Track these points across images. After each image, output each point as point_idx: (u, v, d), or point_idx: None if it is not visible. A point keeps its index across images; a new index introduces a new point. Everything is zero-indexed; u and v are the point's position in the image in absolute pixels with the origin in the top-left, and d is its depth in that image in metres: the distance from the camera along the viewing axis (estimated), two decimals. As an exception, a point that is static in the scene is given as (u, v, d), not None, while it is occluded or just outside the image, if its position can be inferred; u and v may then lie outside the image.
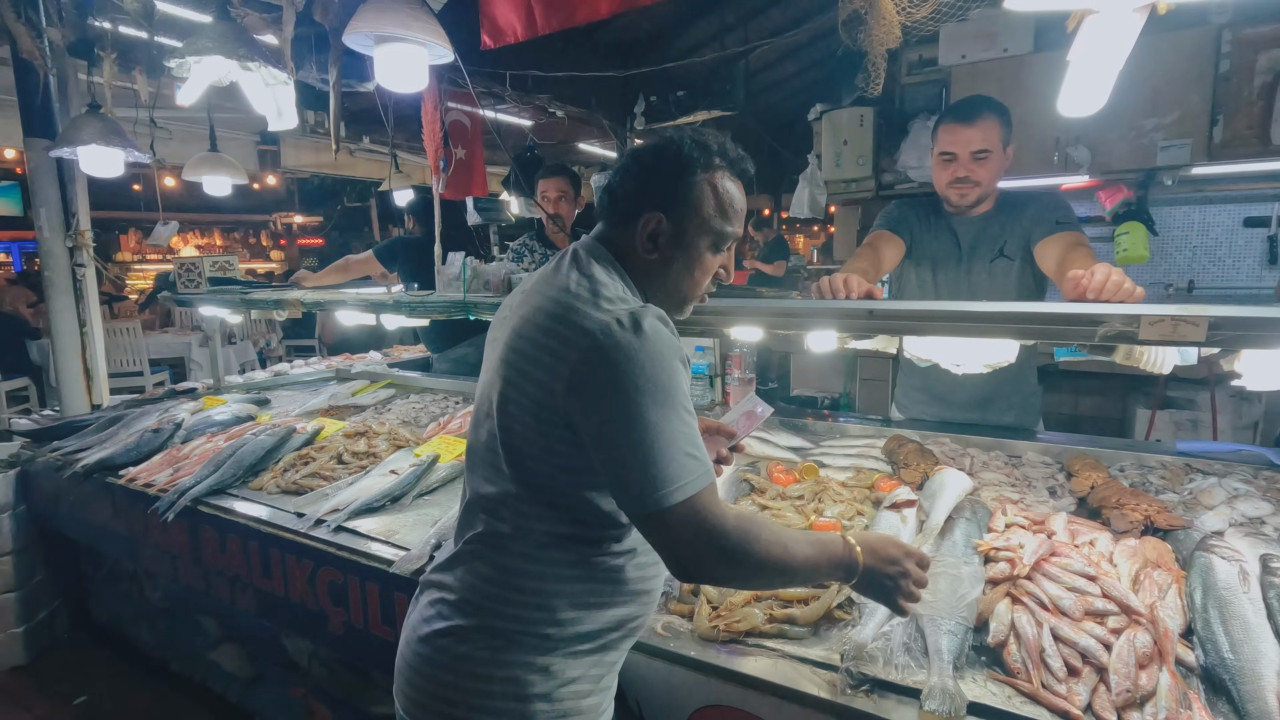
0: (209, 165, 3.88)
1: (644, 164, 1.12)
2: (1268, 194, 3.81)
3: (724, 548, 0.95)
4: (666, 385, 0.95)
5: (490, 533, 1.10)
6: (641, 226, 1.09)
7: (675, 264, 1.12)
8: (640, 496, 0.94)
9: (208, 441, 2.55)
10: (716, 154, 1.11)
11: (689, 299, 1.18)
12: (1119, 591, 1.17)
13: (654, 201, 1.10)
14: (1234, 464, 1.82)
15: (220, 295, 2.83)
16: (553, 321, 1.02)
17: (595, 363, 0.96)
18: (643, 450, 0.93)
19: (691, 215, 1.10)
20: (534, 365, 1.02)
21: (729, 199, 1.12)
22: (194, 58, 2.09)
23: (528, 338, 1.05)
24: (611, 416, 0.95)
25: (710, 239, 1.12)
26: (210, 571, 2.16)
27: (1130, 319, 1.26)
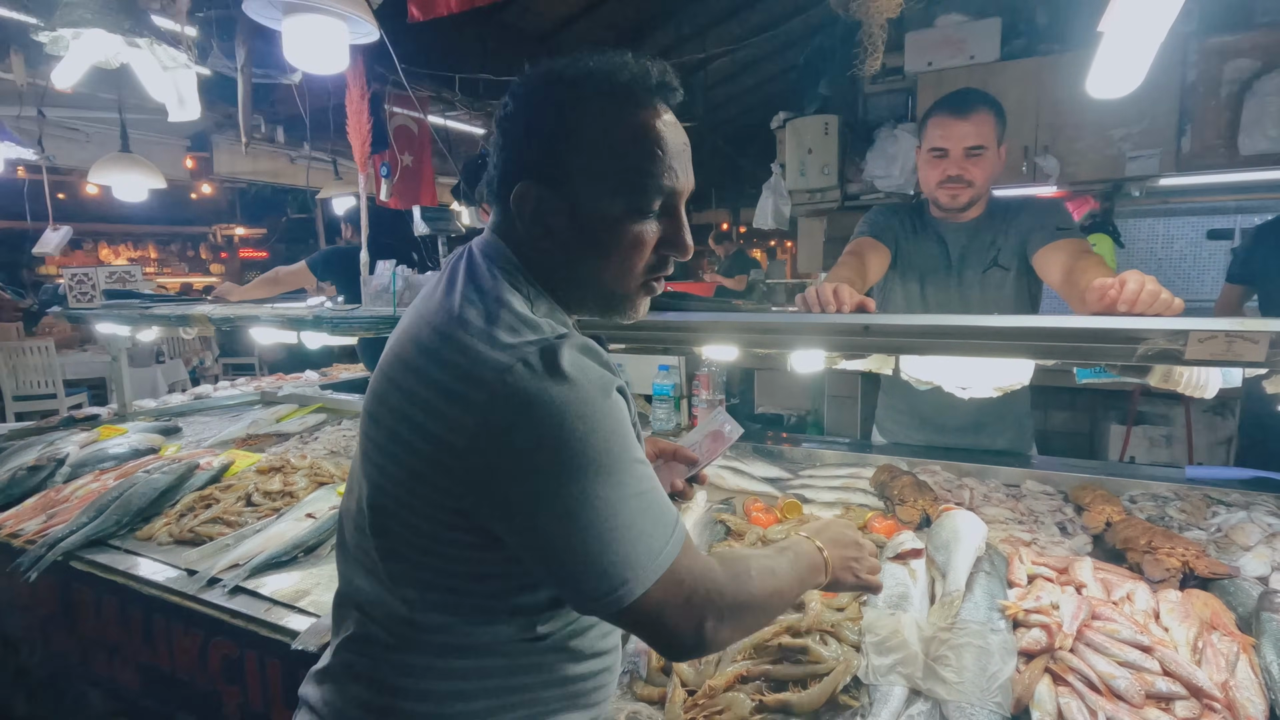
0: (119, 167, 3.51)
1: (505, 118, 0.81)
2: (1230, 206, 3.80)
3: (721, 608, 0.76)
4: (606, 445, 0.69)
5: (363, 637, 0.83)
6: (516, 203, 0.79)
7: (581, 248, 0.80)
8: (599, 595, 0.71)
9: (95, 480, 2.19)
10: (604, 76, 0.77)
11: (623, 291, 0.84)
12: (1184, 669, 0.96)
13: (522, 165, 0.79)
14: (1251, 492, 1.66)
15: (116, 310, 2.47)
16: (433, 364, 0.74)
17: (501, 429, 0.68)
18: (592, 539, 0.69)
19: (582, 171, 0.77)
20: (408, 425, 0.74)
21: (638, 134, 0.77)
22: (69, 31, 1.78)
23: (399, 384, 0.77)
24: (538, 504, 0.69)
25: (624, 200, 0.78)
26: (87, 640, 1.81)
27: (1176, 335, 1.07)
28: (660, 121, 0.79)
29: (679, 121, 0.83)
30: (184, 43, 1.84)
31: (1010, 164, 3.63)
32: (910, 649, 1.06)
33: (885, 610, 1.16)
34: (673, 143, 0.80)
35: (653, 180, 0.78)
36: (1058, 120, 3.48)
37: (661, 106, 0.80)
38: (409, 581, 0.78)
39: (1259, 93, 3.12)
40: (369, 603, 0.82)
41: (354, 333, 1.97)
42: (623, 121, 0.77)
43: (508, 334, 0.72)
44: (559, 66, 0.79)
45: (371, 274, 1.92)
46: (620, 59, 0.79)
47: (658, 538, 0.72)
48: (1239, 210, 3.78)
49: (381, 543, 0.80)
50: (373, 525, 0.80)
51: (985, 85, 3.61)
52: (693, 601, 0.74)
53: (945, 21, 3.76)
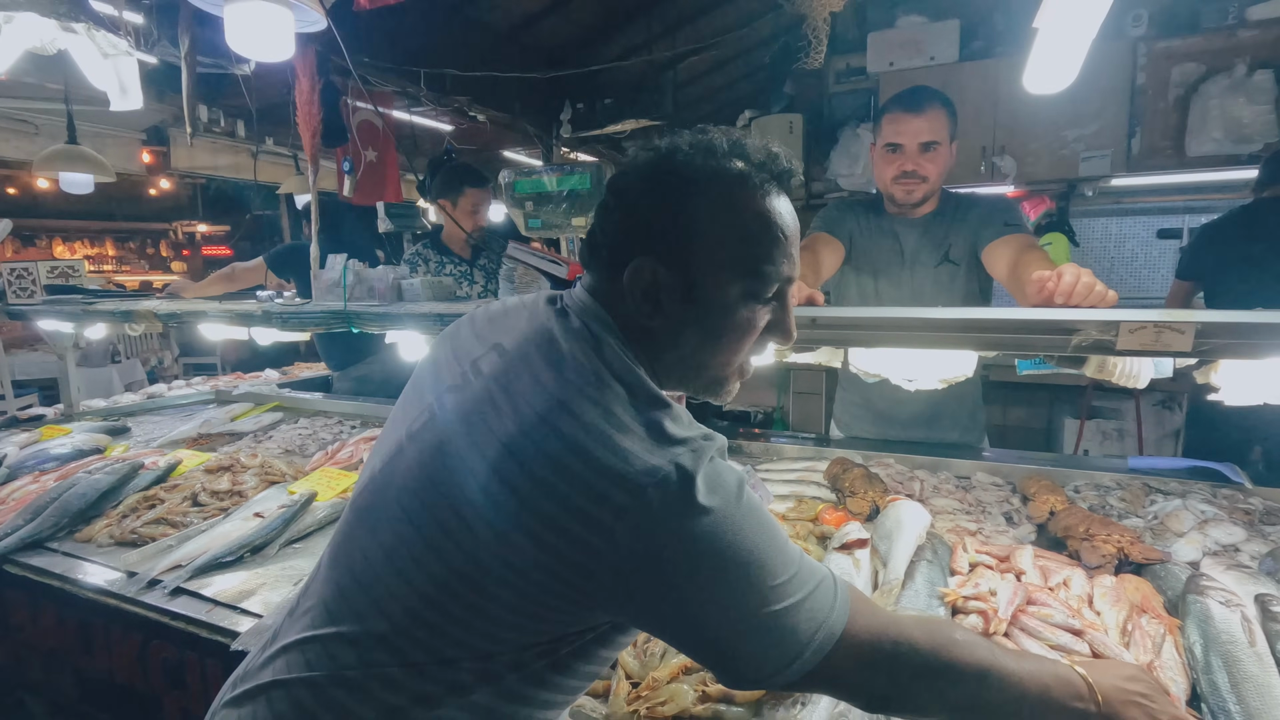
0: (65, 160, 3.39)
1: (624, 187, 0.79)
2: (1179, 206, 3.92)
3: (916, 664, 0.71)
4: (756, 549, 0.67)
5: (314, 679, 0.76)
6: (630, 279, 0.77)
7: (690, 328, 0.78)
8: (767, 676, 0.69)
9: (33, 482, 2.11)
10: (733, 157, 0.77)
11: (725, 375, 0.84)
12: (1112, 651, 0.98)
13: (642, 241, 0.77)
14: (1189, 481, 1.70)
15: (58, 306, 2.39)
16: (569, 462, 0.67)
17: (651, 546, 0.65)
18: (754, 633, 0.67)
19: (708, 257, 0.76)
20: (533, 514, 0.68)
21: (763, 221, 0.77)
22: (1, 15, 1.71)
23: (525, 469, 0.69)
24: (700, 611, 0.67)
25: (743, 284, 0.77)
26: (20, 646, 1.74)
27: (1108, 326, 1.10)
28: (782, 209, 0.79)
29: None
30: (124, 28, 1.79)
31: (968, 163, 3.70)
32: (851, 637, 1.06)
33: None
34: (792, 231, 0.80)
35: (772, 268, 0.78)
36: (1014, 121, 3.56)
37: (782, 194, 0.80)
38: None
39: (1204, 96, 3.22)
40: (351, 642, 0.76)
41: (305, 328, 1.93)
42: (749, 208, 0.77)
43: (640, 435, 0.68)
44: (685, 144, 0.78)
45: (322, 268, 1.88)
46: (746, 142, 0.79)
47: (819, 610, 0.70)
48: (1187, 210, 3.90)
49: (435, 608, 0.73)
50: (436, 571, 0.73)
51: (945, 86, 3.66)
52: (877, 666, 0.71)
53: (906, 23, 3.82)
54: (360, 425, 2.73)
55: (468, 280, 3.04)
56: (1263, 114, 3.10)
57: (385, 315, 1.75)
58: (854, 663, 0.71)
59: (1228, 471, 1.74)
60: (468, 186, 2.93)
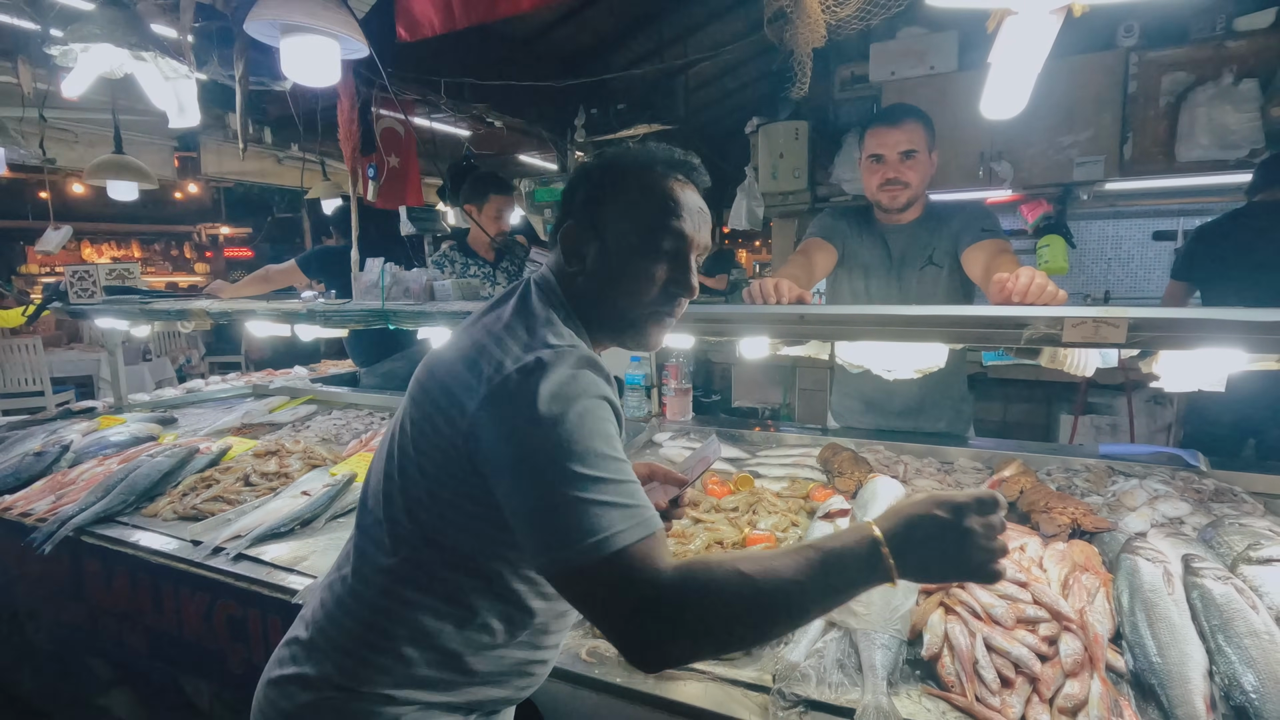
0: (113, 169, 3.62)
1: (572, 181, 1.06)
2: (1173, 209, 4.04)
3: (670, 605, 0.75)
4: (577, 437, 0.80)
5: (365, 565, 1.00)
6: (562, 240, 1.01)
7: (602, 275, 0.99)
8: (551, 550, 0.78)
9: (99, 465, 2.33)
10: (643, 154, 1.03)
11: (636, 319, 1.02)
12: (1049, 597, 1.15)
13: (570, 210, 1.03)
14: (1153, 465, 1.86)
15: (117, 305, 2.60)
16: (464, 362, 0.92)
17: (492, 414, 0.84)
18: (551, 502, 0.79)
19: (615, 220, 0.98)
20: (436, 408, 0.93)
21: (656, 194, 0.99)
22: (80, 45, 1.92)
23: (438, 375, 0.96)
24: (515, 474, 0.82)
25: (638, 240, 0.98)
26: (96, 609, 1.95)
27: (1054, 321, 1.26)
28: (676, 185, 1.01)
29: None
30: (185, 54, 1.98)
31: (966, 168, 3.85)
32: (828, 589, 1.24)
33: (811, 559, 1.34)
34: (685, 202, 1.01)
35: (661, 229, 0.99)
36: (1010, 127, 3.69)
37: (681, 178, 1.02)
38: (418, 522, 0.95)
39: (1193, 103, 3.35)
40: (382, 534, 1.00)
41: (346, 325, 2.12)
42: (644, 185, 1.00)
43: (524, 343, 0.89)
44: (611, 150, 1.05)
45: (361, 270, 2.08)
46: (653, 147, 1.03)
47: (615, 520, 0.77)
48: (1181, 213, 4.02)
49: (407, 494, 0.95)
50: (401, 476, 0.96)
51: (944, 94, 3.83)
52: (638, 596, 0.75)
53: (907, 34, 3.97)
54: (389, 416, 2.93)
55: (490, 281, 3.23)
56: (1249, 121, 3.23)
57: (420, 313, 1.94)
58: (623, 584, 0.76)
59: (1189, 458, 1.88)
60: (492, 193, 3.12)
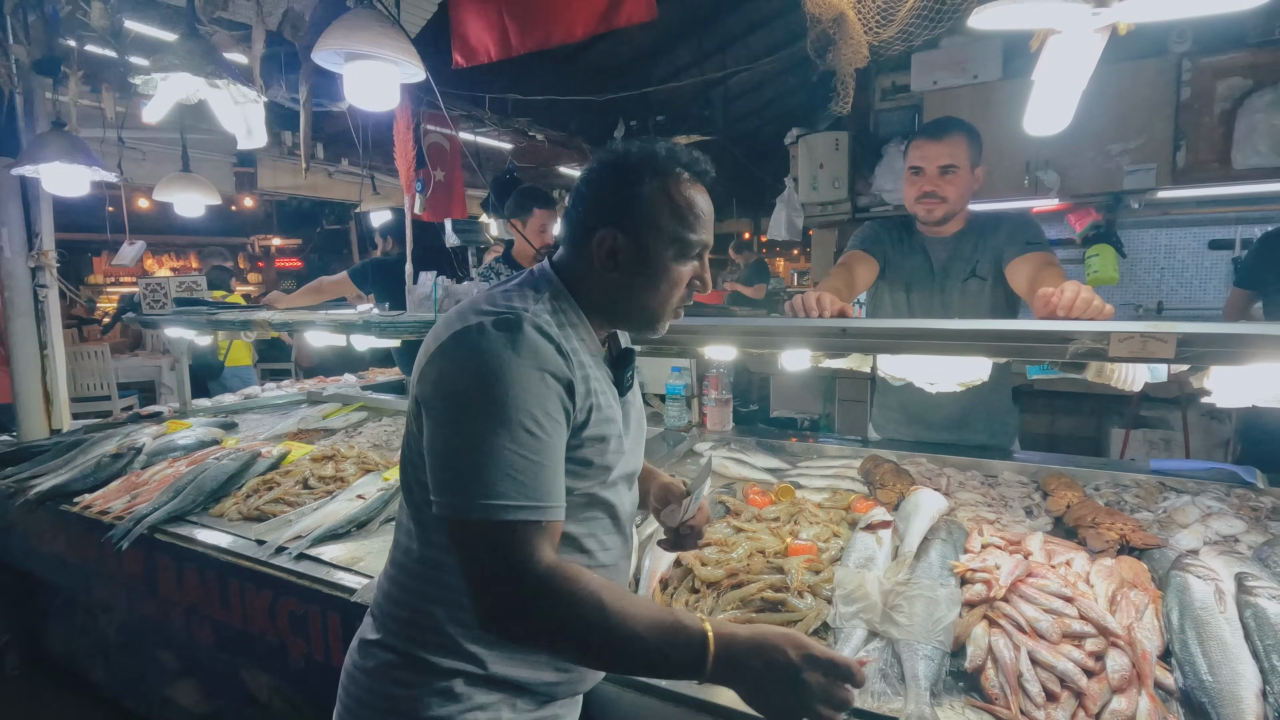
0: (180, 185, 3.83)
1: (593, 180, 1.07)
2: (1230, 217, 3.91)
3: (527, 591, 0.86)
4: (508, 399, 0.89)
5: (398, 544, 1.12)
6: (597, 245, 1.05)
7: (639, 279, 1.06)
8: (446, 494, 0.90)
9: (169, 467, 2.47)
10: (667, 159, 1.05)
11: (660, 314, 1.11)
12: (1096, 613, 1.15)
13: (607, 217, 1.05)
14: (1206, 482, 1.82)
15: (186, 316, 2.76)
16: (442, 322, 1.03)
17: (430, 363, 0.97)
18: (458, 453, 0.90)
19: (648, 226, 1.04)
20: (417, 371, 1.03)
21: (688, 204, 1.05)
22: (160, 75, 2.06)
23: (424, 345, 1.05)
24: (436, 418, 0.94)
25: (673, 249, 1.05)
26: (166, 603, 2.07)
27: (1100, 336, 1.26)
28: (699, 191, 1.08)
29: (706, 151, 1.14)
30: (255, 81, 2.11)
31: (1011, 178, 3.79)
32: (871, 599, 1.26)
33: (854, 569, 1.36)
34: (703, 209, 1.08)
35: (694, 235, 1.07)
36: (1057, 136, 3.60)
37: (700, 185, 1.08)
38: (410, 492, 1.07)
39: (1250, 110, 3.25)
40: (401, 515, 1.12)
41: (399, 336, 2.21)
42: (679, 193, 1.05)
43: (486, 309, 0.97)
44: (634, 149, 1.06)
45: (415, 284, 2.17)
46: (677, 149, 1.06)
47: (509, 494, 0.87)
48: (1239, 221, 3.89)
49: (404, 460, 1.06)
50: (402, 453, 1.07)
51: (988, 104, 3.79)
52: (499, 569, 0.87)
53: (949, 43, 3.94)
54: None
55: (534, 293, 3.31)
56: (1310, 127, 3.12)
57: (470, 325, 2.02)
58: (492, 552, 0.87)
59: (1245, 474, 1.84)
60: (536, 207, 3.21)
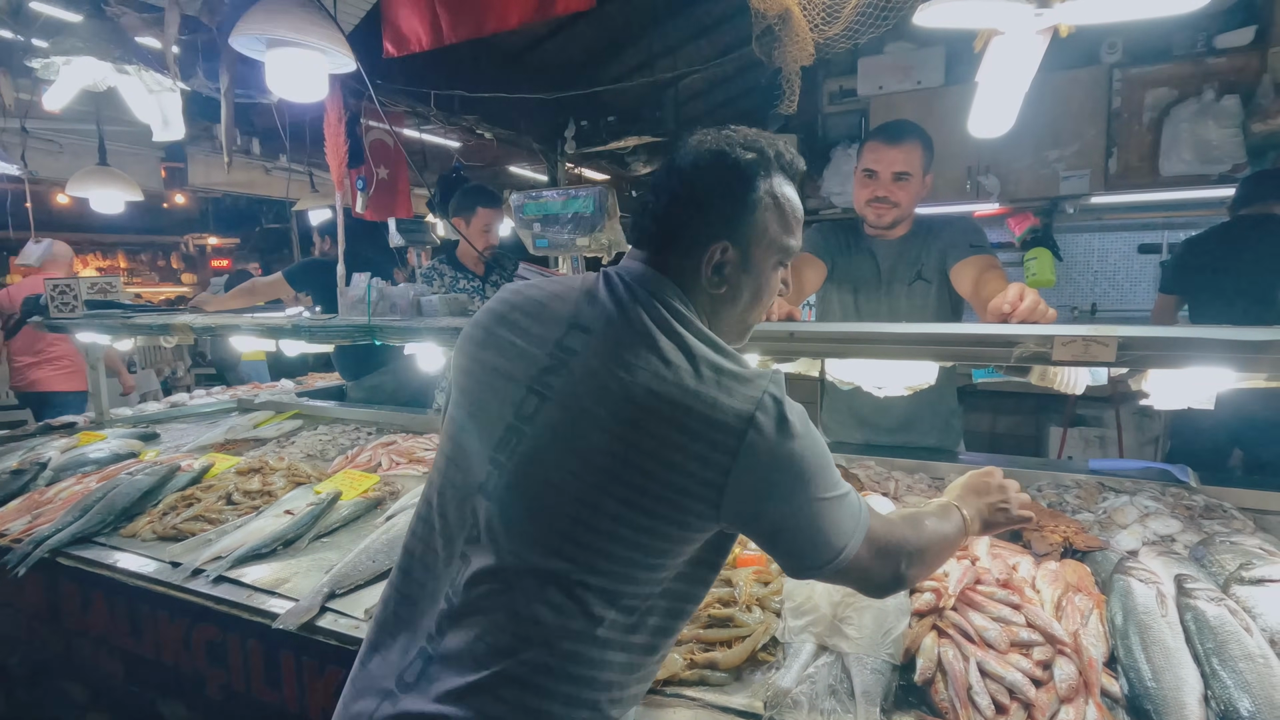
0: (97, 180, 3.59)
1: (702, 183, 0.96)
2: (1158, 222, 4.08)
3: (910, 553, 0.98)
4: (821, 463, 0.90)
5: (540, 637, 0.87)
6: (707, 259, 0.95)
7: (744, 293, 1.00)
8: (823, 564, 0.91)
9: (77, 483, 2.28)
10: (775, 159, 0.98)
11: (752, 327, 1.08)
12: (1043, 620, 1.14)
13: (718, 228, 0.95)
14: (1143, 481, 1.86)
15: (98, 319, 2.56)
16: (680, 414, 0.85)
17: (756, 467, 0.85)
18: (818, 526, 0.89)
19: (759, 236, 0.97)
20: (660, 462, 0.85)
21: (792, 209, 1.00)
22: (62, 58, 1.90)
23: (643, 427, 0.86)
24: (784, 513, 0.88)
25: (776, 258, 1.01)
26: (72, 632, 1.90)
27: (1044, 340, 1.25)
28: (796, 197, 1.02)
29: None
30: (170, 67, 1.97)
31: (954, 182, 3.87)
32: (820, 611, 1.22)
33: (803, 582, 1.32)
34: (801, 211, 1.04)
35: (794, 241, 1.03)
36: (997, 142, 3.67)
37: (790, 181, 1.02)
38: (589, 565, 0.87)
39: (1175, 119, 3.39)
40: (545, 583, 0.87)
41: (332, 341, 2.09)
42: (783, 198, 0.99)
43: (728, 379, 0.87)
44: (739, 145, 0.96)
45: (348, 285, 2.05)
46: (780, 147, 0.99)
47: (856, 515, 0.93)
48: (1166, 226, 4.06)
49: (592, 533, 0.87)
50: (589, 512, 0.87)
51: (931, 108, 3.85)
52: (887, 553, 0.96)
53: (895, 49, 4.00)
54: (376, 431, 2.89)
55: (480, 295, 3.20)
56: (1230, 136, 3.27)
57: (406, 329, 1.92)
58: (873, 555, 0.94)
59: (1178, 473, 1.88)
60: (480, 206, 3.10)
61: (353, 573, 1.62)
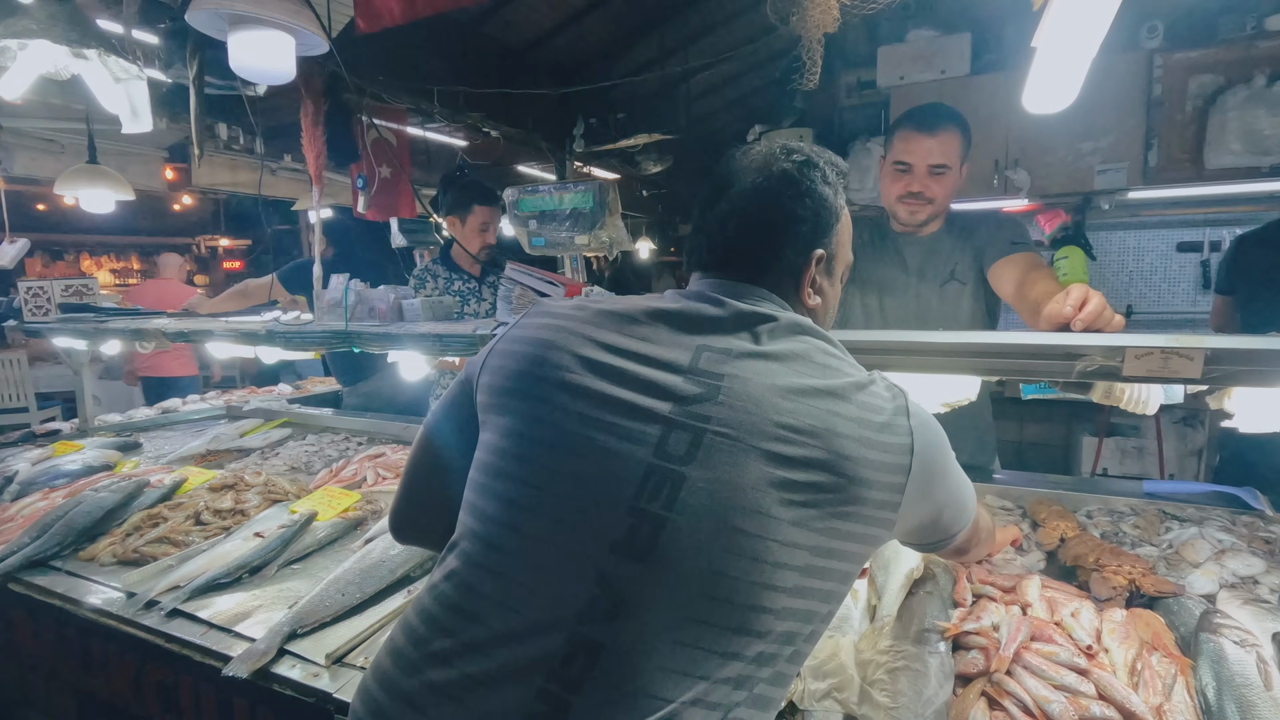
0: (86, 179, 3.46)
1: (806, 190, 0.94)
2: (1199, 219, 3.83)
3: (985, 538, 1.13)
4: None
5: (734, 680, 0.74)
6: (807, 272, 0.95)
7: (831, 304, 1.03)
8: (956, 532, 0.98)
9: (43, 499, 2.14)
10: (844, 171, 1.01)
11: None
12: (1119, 693, 0.94)
13: (814, 239, 0.95)
14: (1207, 507, 1.65)
15: (71, 324, 2.42)
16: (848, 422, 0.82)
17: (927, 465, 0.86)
18: (963, 498, 0.97)
19: (841, 246, 1.01)
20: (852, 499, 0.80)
21: (851, 221, 1.05)
22: (15, 42, 1.75)
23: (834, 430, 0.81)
24: (947, 497, 0.93)
25: (846, 266, 1.05)
26: (25, 666, 1.75)
27: (1113, 352, 1.06)
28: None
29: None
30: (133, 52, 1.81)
31: (980, 177, 3.65)
32: (846, 673, 1.03)
33: (825, 633, 1.13)
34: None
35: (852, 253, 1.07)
36: (1027, 134, 3.51)
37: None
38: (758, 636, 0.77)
39: (1223, 107, 3.15)
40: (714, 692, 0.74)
41: (308, 347, 1.93)
42: (847, 211, 1.02)
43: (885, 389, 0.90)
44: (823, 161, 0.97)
45: (324, 287, 1.89)
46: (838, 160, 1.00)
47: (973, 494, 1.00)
48: (1208, 223, 3.81)
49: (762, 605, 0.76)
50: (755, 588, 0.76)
51: (956, 99, 3.63)
52: (976, 531, 1.04)
53: (916, 36, 3.79)
54: (367, 441, 2.73)
55: (475, 297, 3.04)
56: (1284, 125, 3.03)
57: (386, 335, 1.75)
58: (970, 531, 1.01)
59: (1247, 497, 1.68)
60: (476, 204, 2.93)
61: (318, 608, 1.45)
